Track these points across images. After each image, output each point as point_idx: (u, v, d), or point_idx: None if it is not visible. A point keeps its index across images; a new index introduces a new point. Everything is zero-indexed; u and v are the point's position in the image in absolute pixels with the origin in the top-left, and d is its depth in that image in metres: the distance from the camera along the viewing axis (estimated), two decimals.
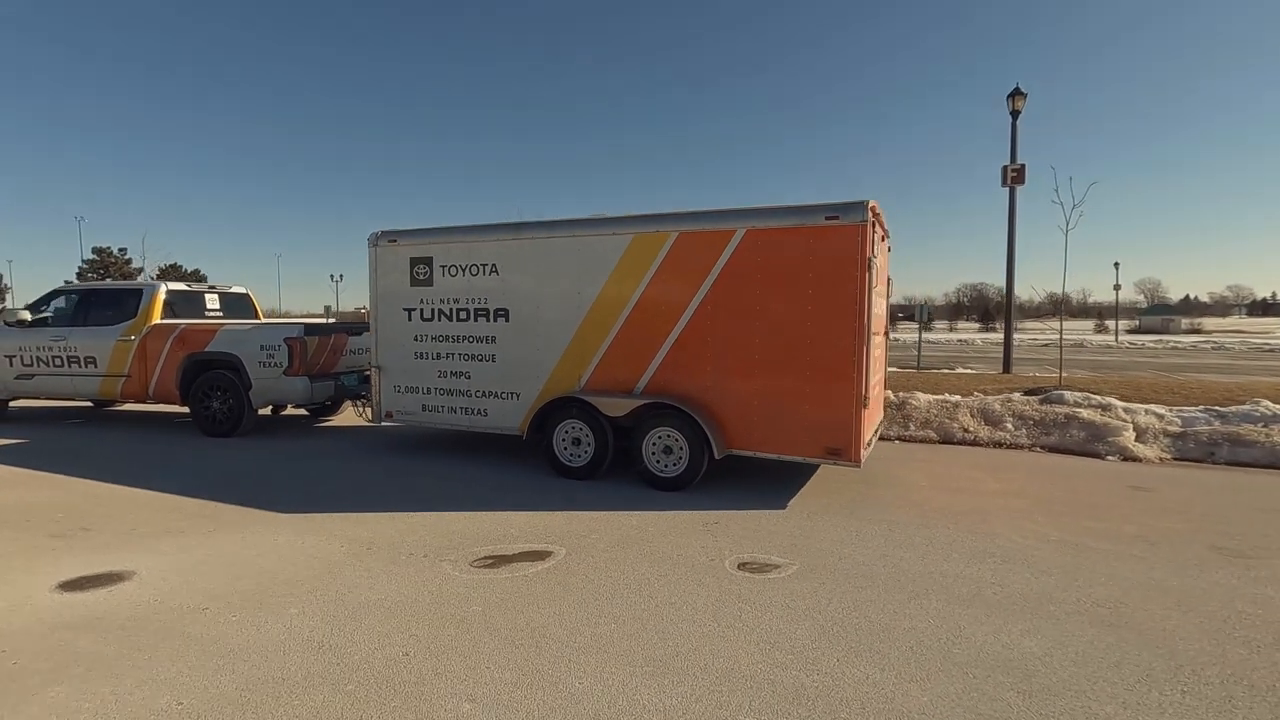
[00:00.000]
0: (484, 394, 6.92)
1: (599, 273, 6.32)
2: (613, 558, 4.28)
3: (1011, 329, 15.54)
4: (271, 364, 8.17)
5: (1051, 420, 8.17)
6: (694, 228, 5.95)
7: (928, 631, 3.30)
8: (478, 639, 3.18)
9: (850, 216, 5.37)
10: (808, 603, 3.61)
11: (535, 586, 3.82)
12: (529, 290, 6.68)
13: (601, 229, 6.32)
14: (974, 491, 6.03)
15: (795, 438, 5.66)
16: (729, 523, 5.05)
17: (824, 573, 4.06)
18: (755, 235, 5.72)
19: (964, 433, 8.30)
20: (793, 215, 5.58)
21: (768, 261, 5.69)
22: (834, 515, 5.25)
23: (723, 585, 3.85)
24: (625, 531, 4.81)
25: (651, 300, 6.13)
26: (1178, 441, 7.61)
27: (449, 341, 7.07)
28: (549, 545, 4.50)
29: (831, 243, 5.46)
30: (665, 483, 5.96)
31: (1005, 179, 15.22)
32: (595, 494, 5.82)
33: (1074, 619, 3.46)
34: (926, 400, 8.95)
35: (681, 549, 4.45)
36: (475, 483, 6.20)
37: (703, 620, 3.40)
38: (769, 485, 6.07)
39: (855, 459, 5.44)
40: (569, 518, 5.13)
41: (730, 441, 5.87)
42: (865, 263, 5.35)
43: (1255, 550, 4.56)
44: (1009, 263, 15.32)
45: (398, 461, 7.13)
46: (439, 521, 5.01)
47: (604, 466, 6.22)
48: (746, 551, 4.41)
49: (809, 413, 5.59)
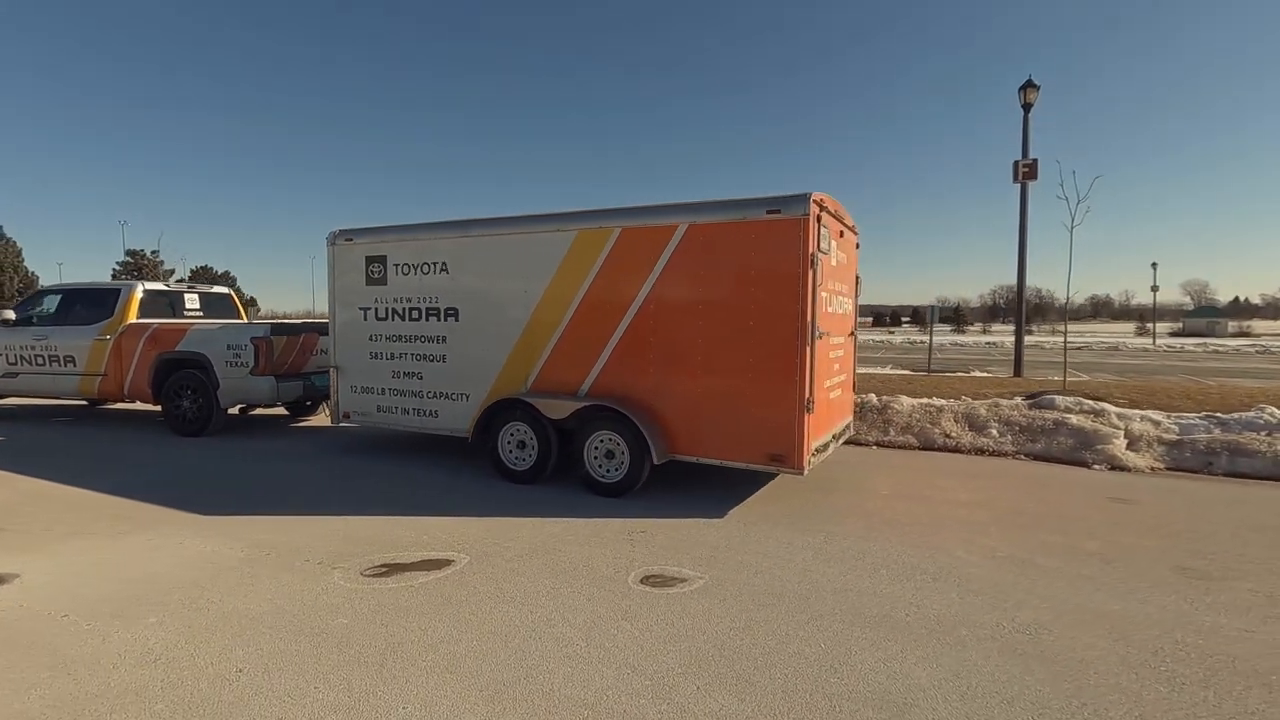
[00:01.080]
0: (435, 395, 6.77)
1: (545, 271, 6.12)
2: (514, 568, 4.06)
3: (1022, 331, 14.92)
4: (238, 363, 8.14)
5: (1038, 426, 7.73)
6: (636, 223, 5.71)
7: (813, 658, 3.02)
8: (324, 655, 3.00)
9: (792, 210, 5.08)
10: (695, 623, 3.35)
11: (416, 598, 3.62)
12: (478, 289, 6.51)
13: (547, 225, 6.12)
14: (937, 501, 5.68)
15: (738, 443, 5.38)
16: (657, 531, 4.79)
17: (731, 589, 3.79)
18: (697, 230, 5.46)
19: (945, 439, 7.90)
20: (734, 209, 5.31)
21: (710, 258, 5.43)
22: (772, 525, 4.96)
23: (614, 601, 3.61)
24: (543, 540, 4.59)
25: (596, 299, 5.91)
26: (1173, 450, 7.12)
27: (402, 341, 6.94)
28: (455, 553, 4.31)
29: (773, 237, 5.17)
30: (606, 488, 5.72)
31: (1016, 174, 14.66)
32: (532, 499, 5.61)
33: (983, 646, 3.14)
34: (910, 404, 8.55)
35: (592, 560, 4.21)
36: (420, 486, 6.05)
37: (573, 640, 3.16)
38: (718, 492, 5.79)
39: (798, 466, 5.14)
40: (492, 524, 4.93)
41: (674, 446, 5.61)
42: (809, 258, 5.05)
43: (1224, 572, 4.15)
44: (1020, 262, 14.73)
45: (354, 463, 7.02)
46: (358, 526, 4.85)
47: (547, 471, 6.01)
48: (660, 564, 4.16)
49: (751, 417, 5.31)
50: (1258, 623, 3.45)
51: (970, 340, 50.38)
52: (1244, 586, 3.93)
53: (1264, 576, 4.08)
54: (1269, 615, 3.54)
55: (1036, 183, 14.48)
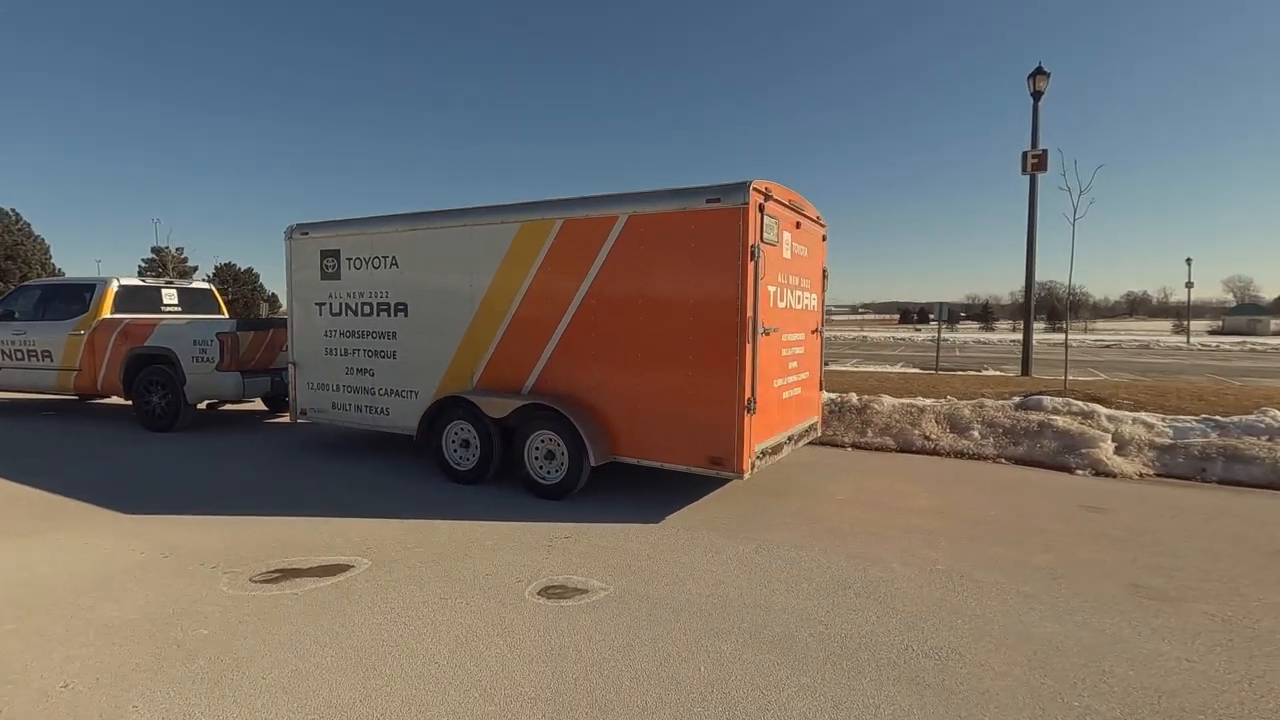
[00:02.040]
0: (386, 392, 6.61)
1: (489, 264, 5.92)
2: (413, 575, 3.87)
3: (1031, 329, 14.37)
4: (204, 359, 8.09)
5: (1022, 429, 7.33)
6: (578, 214, 5.47)
7: (686, 682, 2.76)
8: (165, 669, 2.82)
9: (731, 198, 4.80)
10: (576, 640, 3.12)
11: (294, 607, 3.44)
12: (426, 283, 6.33)
13: (491, 217, 5.91)
14: (893, 508, 5.36)
15: (678, 445, 5.12)
16: (583, 537, 4.56)
17: (634, 601, 3.55)
18: (638, 221, 5.21)
19: (925, 440, 7.54)
20: (674, 199, 5.05)
21: (651, 250, 5.17)
22: (707, 532, 4.70)
23: (500, 614, 3.38)
24: (459, 544, 4.39)
25: (538, 293, 5.69)
26: (1164, 455, 6.68)
27: (354, 337, 6.79)
28: (360, 558, 4.12)
29: (712, 228, 4.90)
30: (546, 490, 5.51)
31: (1025, 166, 14.11)
32: (469, 501, 5.42)
33: (880, 674, 2.85)
34: (890, 404, 8.19)
35: (499, 567, 4.00)
36: (360, 486, 5.89)
37: (435, 658, 2.95)
38: (664, 495, 5.54)
39: (738, 469, 4.87)
40: (414, 527, 4.74)
41: (616, 448, 5.37)
42: (749, 250, 4.77)
43: (1182, 591, 3.80)
44: (1029, 257, 14.18)
45: (306, 462, 6.90)
46: (278, 527, 4.70)
47: (490, 471, 5.81)
48: (570, 573, 3.93)
49: (691, 418, 5.05)
50: (1202, 651, 3.11)
51: (997, 338, 49.15)
52: (1200, 609, 3.58)
53: (1225, 598, 3.72)
54: (1217, 643, 3.20)
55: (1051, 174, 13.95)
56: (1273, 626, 3.38)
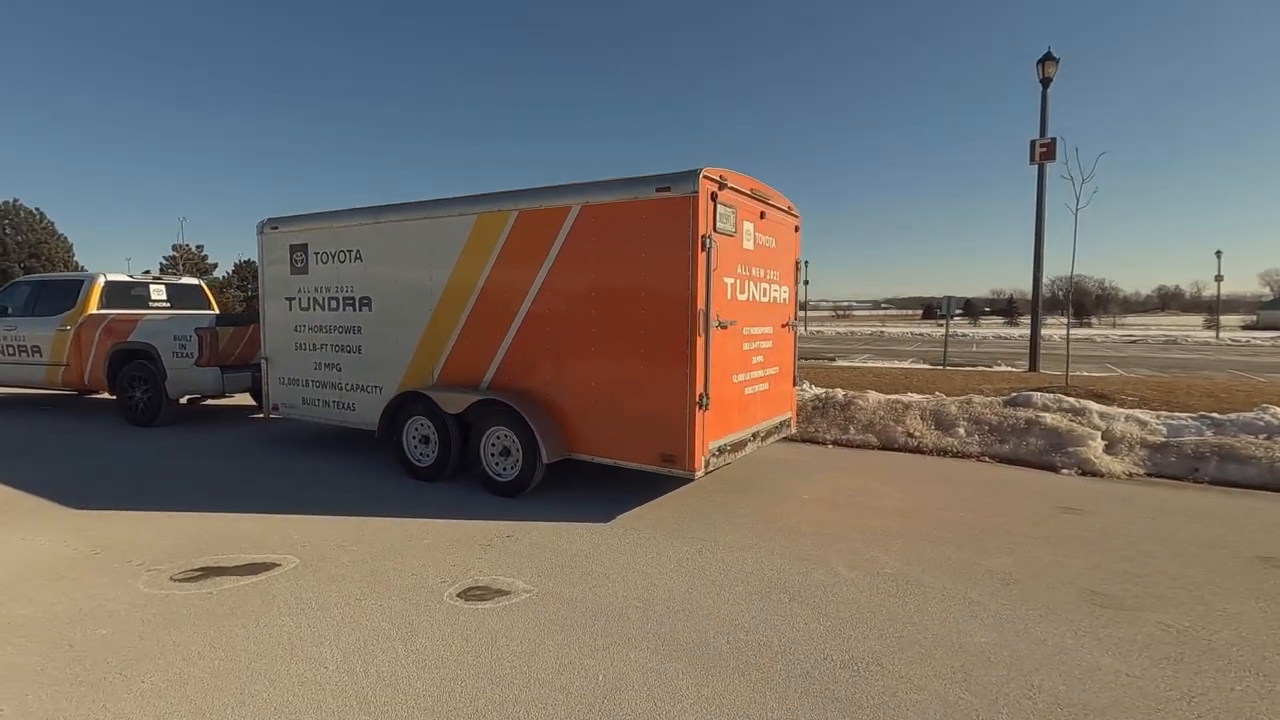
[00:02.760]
0: (353, 387, 6.55)
1: (448, 257, 5.82)
2: (338, 575, 3.78)
3: (1038, 325, 13.97)
4: (184, 354, 8.10)
5: (1009, 426, 7.07)
6: (532, 205, 5.34)
7: (577, 692, 2.62)
8: (48, 671, 2.75)
9: (681, 187, 4.64)
10: (480, 645, 3.00)
11: (202, 607, 3.36)
12: (389, 277, 6.25)
13: (450, 210, 5.81)
14: (858, 508, 5.17)
15: (630, 441, 4.98)
16: (526, 536, 4.45)
17: (554, 604, 3.42)
18: (590, 212, 5.06)
19: (908, 438, 7.31)
20: (626, 188, 4.89)
21: (603, 241, 5.03)
22: (655, 531, 4.56)
23: (411, 617, 3.27)
24: (395, 543, 4.29)
25: (495, 287, 5.58)
26: (1156, 454, 6.39)
27: (322, 332, 6.74)
28: (290, 556, 4.04)
29: (663, 218, 4.74)
30: (502, 487, 5.40)
31: (1034, 155, 13.73)
32: (423, 498, 5.33)
33: (789, 686, 2.69)
34: (875, 400, 7.96)
35: (428, 567, 3.89)
36: (316, 483, 5.82)
37: (324, 662, 2.84)
38: (622, 494, 5.40)
39: (690, 467, 4.71)
40: (357, 524, 4.66)
41: (571, 444, 5.24)
42: (700, 240, 4.60)
43: (1140, 600, 3.58)
44: (1037, 248, 13.81)
45: (271, 458, 6.86)
46: (219, 524, 4.64)
47: (449, 468, 5.71)
48: (499, 573, 3.81)
49: (643, 414, 4.90)
50: (1146, 665, 2.91)
51: (1019, 333, 48.00)
52: (1156, 618, 3.36)
53: (1187, 607, 3.49)
54: (1165, 656, 2.99)
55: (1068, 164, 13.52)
56: (1230, 639, 3.15)
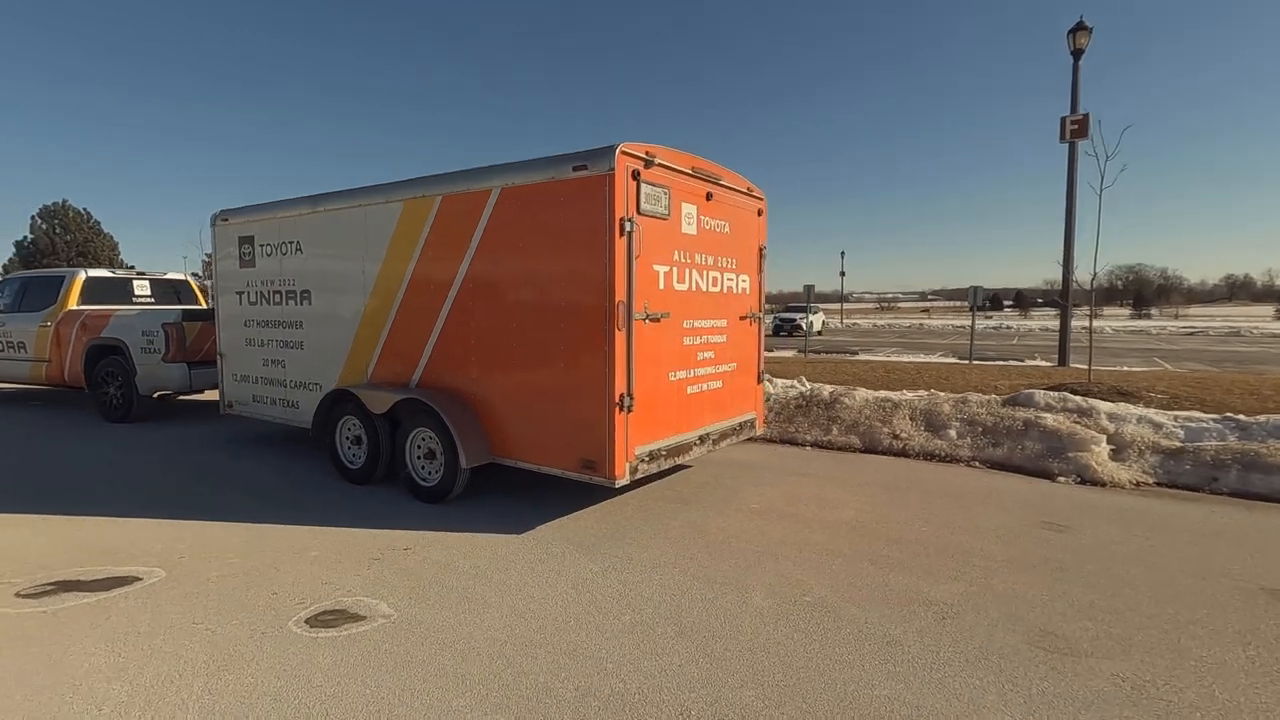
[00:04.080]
0: (296, 385, 6.29)
1: (379, 247, 5.48)
2: (193, 592, 3.46)
3: (1068, 318, 13.00)
4: (151, 350, 8.00)
5: (1005, 428, 6.40)
6: (454, 189, 4.95)
7: None
8: None
9: (598, 165, 4.18)
10: (285, 685, 2.62)
11: (25, 628, 3.08)
12: (326, 269, 5.95)
13: (379, 197, 5.46)
14: (808, 520, 4.65)
15: (551, 446, 4.56)
16: (424, 549, 4.07)
17: (404, 635, 3.03)
18: (510, 195, 4.65)
19: (893, 440, 6.70)
20: (544, 168, 4.46)
21: (522, 226, 4.61)
22: (565, 547, 4.13)
23: (237, 647, 2.92)
24: (279, 554, 3.97)
25: (422, 278, 5.22)
26: (1169, 461, 5.67)
27: (268, 327, 6.50)
28: (158, 569, 3.75)
29: (579, 199, 4.29)
30: (426, 492, 5.04)
31: (1064, 132, 12.77)
32: (340, 503, 5.02)
33: None
34: (862, 399, 7.36)
35: (295, 585, 3.55)
36: (243, 488, 5.55)
37: (105, 699, 2.51)
38: (553, 502, 4.99)
39: (611, 475, 4.26)
40: (252, 533, 4.36)
41: (497, 447, 4.85)
42: (618, 223, 4.14)
43: (1099, 644, 3.00)
44: (1067, 233, 12.84)
45: (214, 459, 6.63)
46: (111, 530, 4.40)
47: (379, 470, 5.38)
48: (368, 594, 3.44)
49: (563, 416, 4.48)
50: None
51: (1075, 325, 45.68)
52: (1110, 668, 2.79)
53: (1155, 654, 2.91)
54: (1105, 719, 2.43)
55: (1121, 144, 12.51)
56: (1196, 699, 2.57)
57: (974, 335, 15.63)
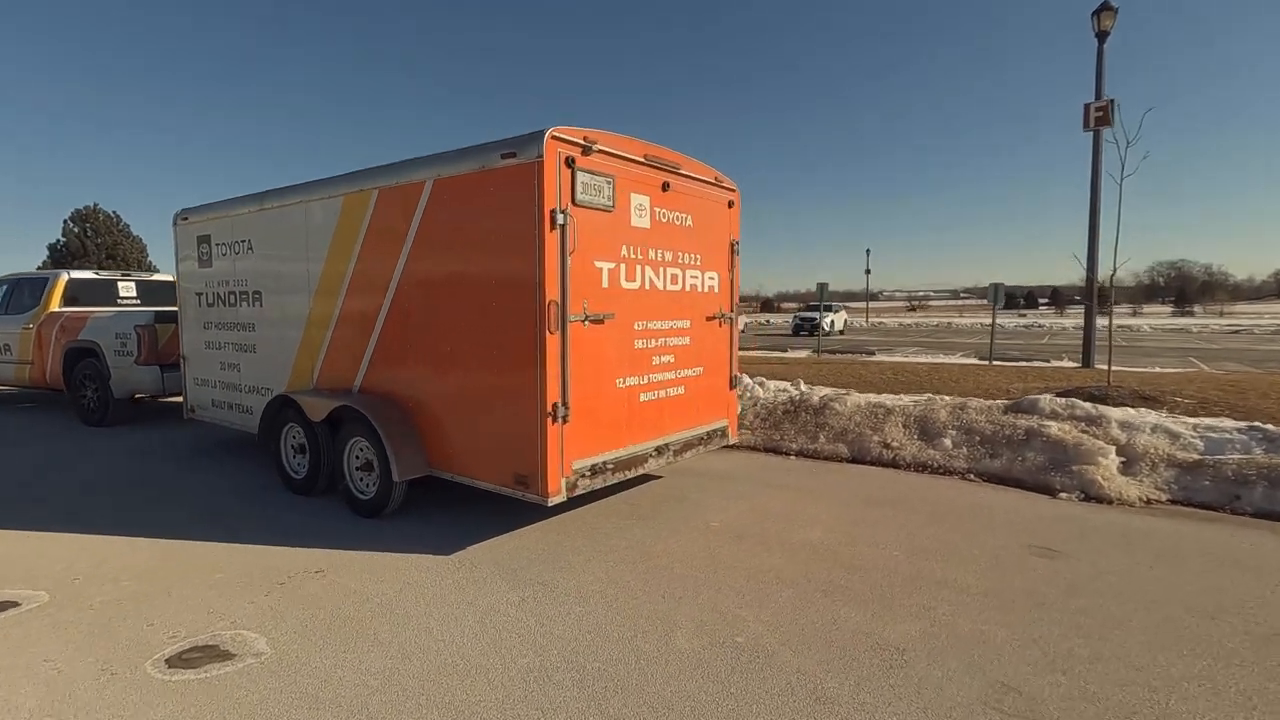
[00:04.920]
0: (250, 389, 6.04)
1: (321, 245, 5.18)
2: (66, 622, 3.17)
3: (1093, 316, 12.27)
4: (125, 352, 7.85)
5: (1004, 437, 5.87)
6: (390, 182, 4.63)
7: None
8: None
9: (527, 152, 3.81)
10: None
11: None
12: (275, 269, 5.68)
13: (320, 192, 5.16)
14: (766, 542, 4.22)
15: (486, 459, 4.21)
16: (336, 572, 3.74)
17: (261, 681, 2.69)
18: (442, 187, 4.30)
19: (884, 449, 6.21)
20: (474, 156, 4.10)
21: (455, 220, 4.27)
22: (492, 572, 3.77)
23: (71, 691, 2.61)
24: (176, 576, 3.67)
25: (362, 277, 4.91)
26: (1186, 475, 5.10)
27: (224, 329, 6.26)
28: (41, 593, 3.48)
29: (509, 190, 3.93)
30: (363, 506, 4.73)
31: (1087, 120, 12.06)
32: (268, 518, 4.72)
33: None
34: (854, 405, 6.87)
35: (179, 616, 3.24)
36: (178, 500, 5.25)
37: None
38: (494, 518, 4.62)
39: (543, 492, 3.89)
40: (163, 550, 4.07)
41: (434, 459, 4.51)
42: (548, 216, 3.76)
43: (1069, 706, 2.53)
44: (1091, 227, 12.12)
45: (162, 468, 6.38)
46: (19, 549, 4.16)
47: (320, 481, 5.08)
48: (251, 629, 3.12)
49: (496, 427, 4.12)
50: None
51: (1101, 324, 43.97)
52: None
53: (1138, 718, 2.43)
54: None
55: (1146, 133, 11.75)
56: None
57: (994, 334, 14.92)
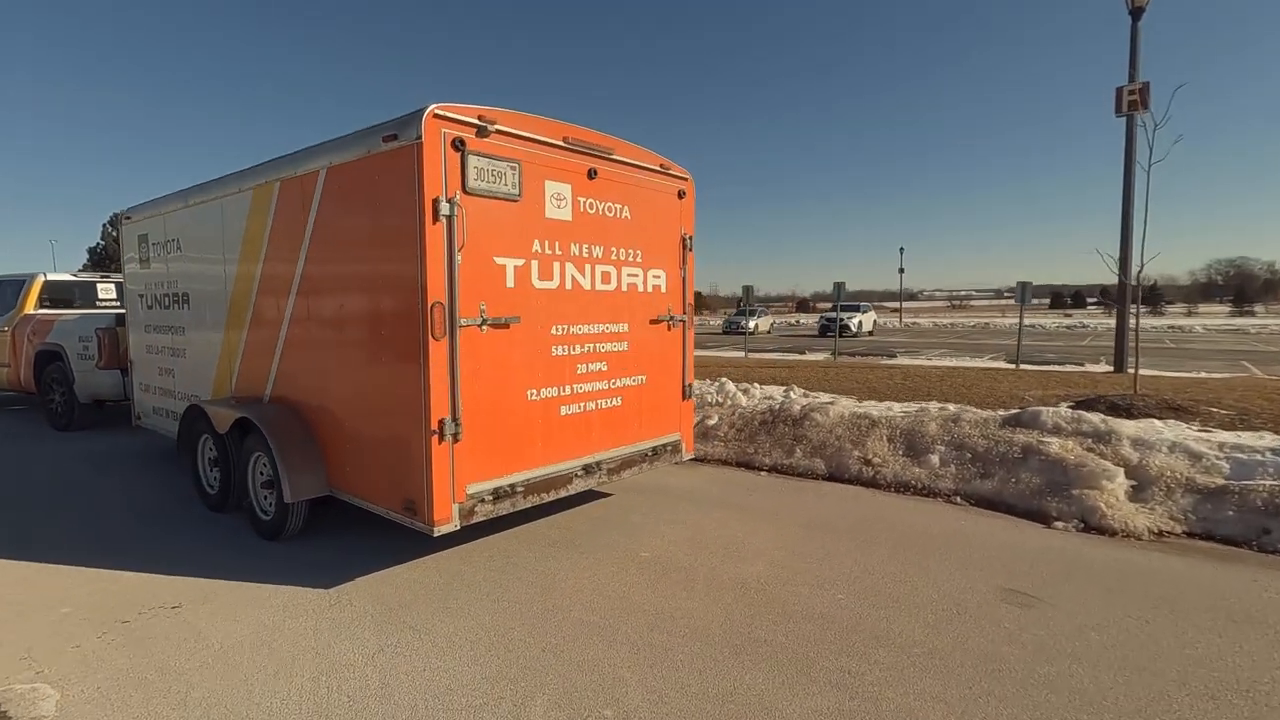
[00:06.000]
0: (182, 396, 5.70)
1: (235, 243, 4.81)
2: None
3: (1126, 315, 11.33)
4: (87, 356, 7.66)
5: (998, 455, 5.20)
6: (291, 173, 4.21)
7: None
8: None
9: (407, 134, 3.34)
10: None
11: None
12: (199, 269, 5.34)
13: (233, 186, 4.78)
14: (693, 579, 3.68)
15: (379, 480, 3.75)
16: (196, 608, 3.33)
17: None
18: (334, 175, 3.87)
19: (863, 466, 5.59)
20: (361, 141, 3.65)
21: (346, 213, 3.83)
22: (366, 612, 3.31)
23: None
24: (23, 610, 3.30)
25: (270, 276, 4.50)
26: (1206, 503, 4.38)
27: (160, 333, 5.97)
28: None
29: (390, 177, 3.47)
30: (264, 527, 4.33)
31: (1120, 104, 11.17)
32: (155, 539, 4.36)
33: None
34: (837, 415, 6.25)
35: None
36: (83, 517, 4.96)
37: None
38: (406, 544, 4.17)
39: (430, 520, 3.41)
40: (21, 578, 3.72)
41: (335, 478, 4.08)
42: (430, 206, 3.29)
43: None
44: (1124, 219, 11.20)
45: (88, 479, 6.13)
46: None
47: (231, 497, 4.70)
48: (54, 681, 2.71)
49: (385, 445, 3.67)
50: None
51: (1154, 324, 41.85)
52: None
53: None
54: None
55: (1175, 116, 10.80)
56: None
57: (1021, 335, 13.95)
